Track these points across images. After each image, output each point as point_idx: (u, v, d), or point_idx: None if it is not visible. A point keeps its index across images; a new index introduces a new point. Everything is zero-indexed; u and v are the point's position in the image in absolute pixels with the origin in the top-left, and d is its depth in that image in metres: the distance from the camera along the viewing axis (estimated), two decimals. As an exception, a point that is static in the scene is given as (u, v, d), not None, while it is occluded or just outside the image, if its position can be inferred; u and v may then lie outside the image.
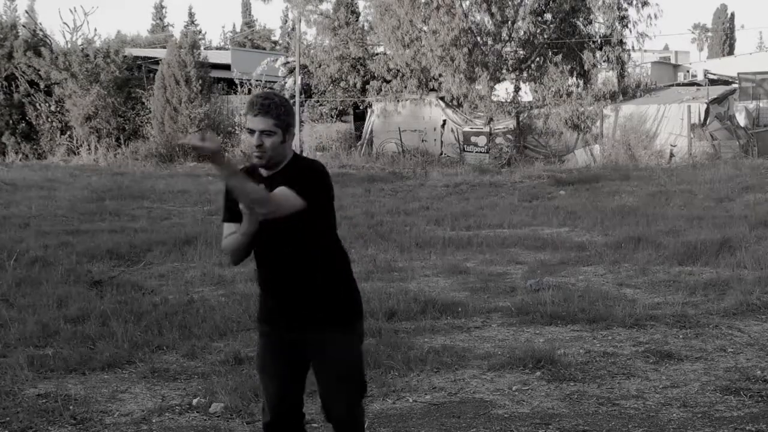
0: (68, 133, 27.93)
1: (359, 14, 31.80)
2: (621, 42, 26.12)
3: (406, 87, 27.42)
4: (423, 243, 10.60)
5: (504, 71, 26.54)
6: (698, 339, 6.08)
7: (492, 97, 26.28)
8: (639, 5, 25.98)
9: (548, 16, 26.10)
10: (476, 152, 26.24)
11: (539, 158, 25.05)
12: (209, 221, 12.06)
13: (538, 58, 26.44)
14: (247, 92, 28.14)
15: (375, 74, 28.23)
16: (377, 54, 29.35)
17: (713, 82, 28.45)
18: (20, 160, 25.98)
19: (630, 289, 7.86)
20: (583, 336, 6.24)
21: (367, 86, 28.83)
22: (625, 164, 22.54)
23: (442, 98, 27.71)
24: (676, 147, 24.18)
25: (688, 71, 39.63)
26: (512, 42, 26.30)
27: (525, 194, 16.56)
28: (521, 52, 26.63)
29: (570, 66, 25.91)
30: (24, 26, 31.25)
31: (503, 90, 27.23)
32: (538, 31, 25.70)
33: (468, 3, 25.98)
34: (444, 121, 28.02)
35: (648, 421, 4.50)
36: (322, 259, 3.22)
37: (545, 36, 25.87)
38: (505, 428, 4.47)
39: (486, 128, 26.33)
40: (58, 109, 27.99)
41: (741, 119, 25.90)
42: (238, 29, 75.89)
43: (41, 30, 30.94)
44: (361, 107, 30.31)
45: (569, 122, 25.79)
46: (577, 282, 8.21)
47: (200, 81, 26.69)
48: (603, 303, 7.07)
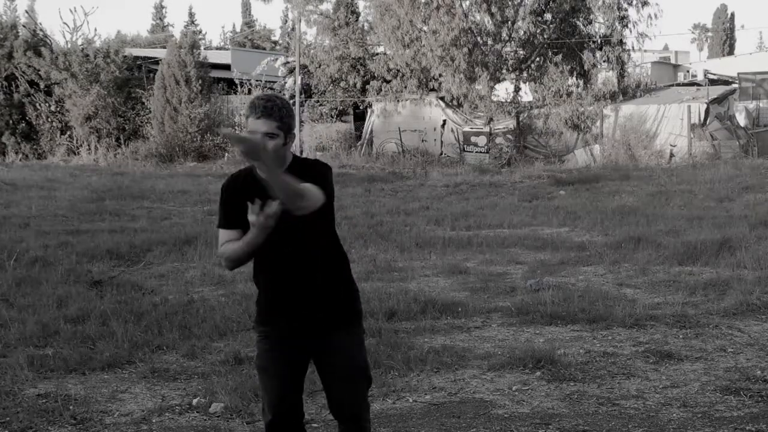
0: (68, 133, 27.93)
1: (359, 14, 31.78)
2: (621, 42, 26.15)
3: (406, 87, 27.41)
4: (423, 243, 10.60)
5: (504, 71, 26.54)
6: (698, 339, 6.08)
7: (492, 97, 26.28)
8: (639, 5, 26.02)
9: (548, 16, 26.10)
10: (476, 152, 26.24)
11: (539, 158, 25.04)
12: (209, 221, 12.05)
13: (538, 58, 26.45)
14: (247, 92, 28.14)
15: (375, 74, 28.22)
16: (377, 54, 29.33)
17: (713, 82, 28.45)
18: (20, 160, 25.98)
19: (630, 289, 7.86)
20: (583, 336, 6.24)
21: (367, 86, 28.82)
22: (625, 164, 22.53)
23: (442, 98, 27.70)
24: (676, 147, 24.17)
25: (688, 71, 39.62)
26: (512, 42, 26.31)
27: (525, 194, 16.56)
28: (521, 52, 26.64)
29: (570, 66, 25.92)
30: (24, 26, 31.25)
31: (503, 90, 27.23)
32: (538, 31, 25.70)
33: (468, 3, 25.98)
34: (444, 121, 28.01)
35: (648, 421, 4.51)
36: (322, 259, 3.22)
37: (545, 36, 25.87)
38: (505, 428, 4.47)
39: (486, 128, 26.33)
40: (58, 109, 28.00)
41: (741, 119, 25.89)
42: (238, 29, 75.88)
43: (41, 30, 30.94)
44: (361, 107, 30.29)
45: (569, 122, 25.79)
46: (577, 282, 8.21)
47: (200, 81, 26.69)
48: (603, 303, 7.07)
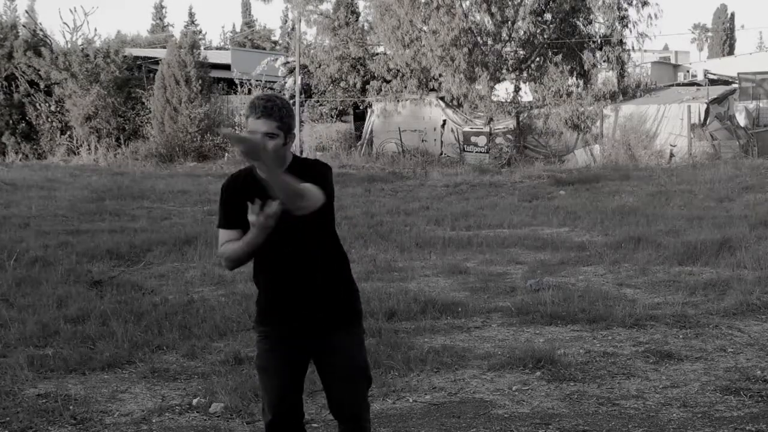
0: (68, 133, 27.93)
1: (359, 14, 31.78)
2: (621, 42, 26.15)
3: (406, 87, 27.41)
4: (423, 243, 10.60)
5: (504, 71, 26.54)
6: (698, 339, 6.08)
7: (492, 97, 26.28)
8: (639, 5, 26.03)
9: (548, 16, 26.10)
10: (476, 152, 26.23)
11: (539, 158, 25.04)
12: (209, 221, 12.05)
13: (538, 58, 26.45)
14: (247, 92, 28.14)
15: (375, 74, 28.22)
16: (377, 54, 29.32)
17: (713, 82, 28.45)
18: (20, 160, 25.98)
19: (630, 289, 7.86)
20: (583, 336, 6.24)
21: (367, 86, 28.81)
22: (625, 164, 22.53)
23: (442, 98, 27.69)
24: (676, 147, 24.17)
25: (688, 71, 39.62)
26: (512, 42, 26.31)
27: (525, 194, 16.55)
28: (521, 52, 26.64)
29: (570, 66, 25.92)
30: (24, 26, 31.24)
31: (503, 90, 27.23)
32: (538, 31, 25.70)
33: (468, 3, 25.99)
34: (444, 121, 28.01)
35: (648, 421, 4.50)
36: (322, 260, 3.22)
37: (545, 36, 25.87)
38: (505, 428, 4.47)
39: (486, 128, 26.32)
40: (58, 109, 28.00)
41: (741, 119, 25.89)
42: (238, 29, 75.88)
43: (41, 30, 30.94)
44: (361, 107, 30.28)
45: (569, 122, 25.79)
46: (577, 282, 8.21)
47: (200, 81, 26.69)
48: (603, 303, 7.07)
